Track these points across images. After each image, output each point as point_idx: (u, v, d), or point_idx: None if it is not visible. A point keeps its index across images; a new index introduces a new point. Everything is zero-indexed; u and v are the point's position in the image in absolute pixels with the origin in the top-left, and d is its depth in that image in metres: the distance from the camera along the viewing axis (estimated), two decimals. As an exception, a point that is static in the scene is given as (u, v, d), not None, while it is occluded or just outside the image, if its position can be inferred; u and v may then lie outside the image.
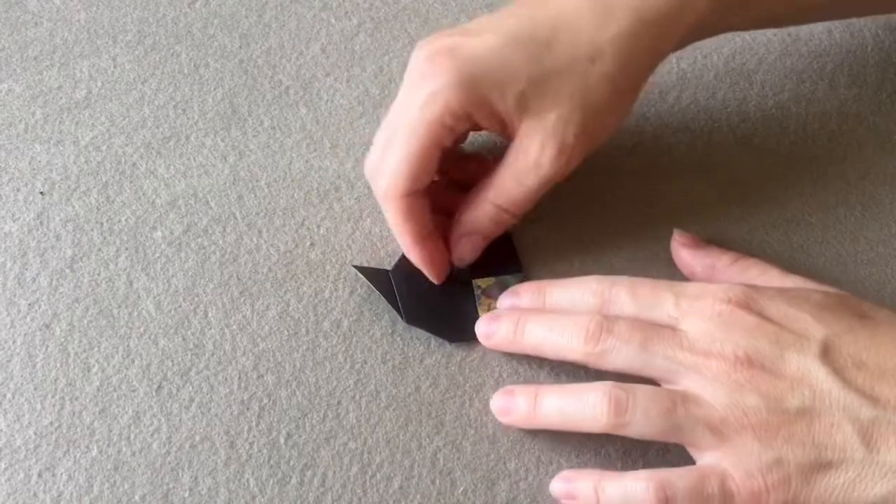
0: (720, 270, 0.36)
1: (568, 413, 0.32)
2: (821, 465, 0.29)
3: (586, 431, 0.32)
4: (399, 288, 0.37)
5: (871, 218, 0.40)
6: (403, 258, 0.37)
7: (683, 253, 0.37)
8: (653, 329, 0.32)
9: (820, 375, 0.29)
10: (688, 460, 0.31)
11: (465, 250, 0.37)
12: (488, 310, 0.36)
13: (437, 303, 0.37)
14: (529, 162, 0.34)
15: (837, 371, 0.29)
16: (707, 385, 0.30)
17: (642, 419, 0.30)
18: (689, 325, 0.31)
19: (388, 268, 0.38)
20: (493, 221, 0.36)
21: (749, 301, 0.31)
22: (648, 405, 0.30)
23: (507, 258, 0.38)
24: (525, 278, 0.38)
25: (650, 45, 0.34)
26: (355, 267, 0.37)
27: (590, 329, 0.32)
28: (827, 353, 0.30)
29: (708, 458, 0.30)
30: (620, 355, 0.31)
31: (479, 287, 0.37)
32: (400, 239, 0.36)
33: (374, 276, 0.37)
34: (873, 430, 0.29)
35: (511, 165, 0.35)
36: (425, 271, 0.36)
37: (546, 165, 0.34)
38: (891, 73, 0.45)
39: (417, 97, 0.33)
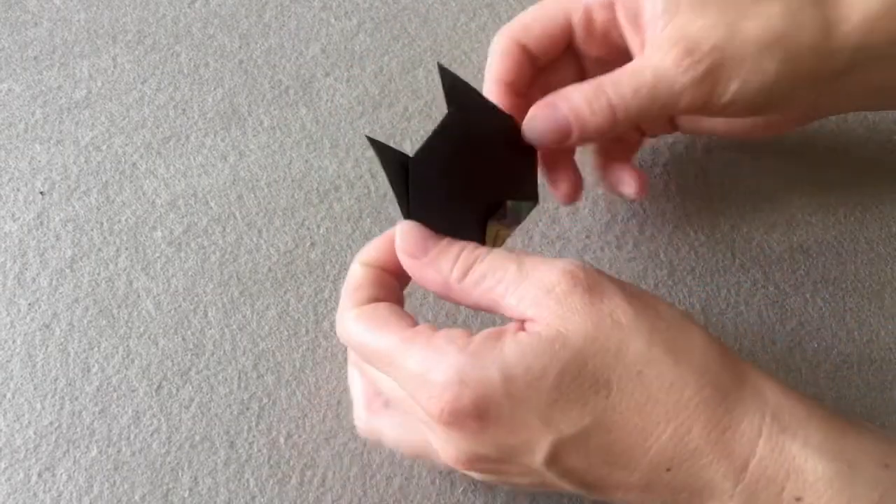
0: (456, 290, 0.29)
1: None
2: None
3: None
4: (416, 179, 0.30)
5: (871, 218, 0.40)
6: (428, 152, 0.31)
7: (408, 262, 0.29)
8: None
9: (548, 476, 0.27)
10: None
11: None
12: (495, 237, 0.33)
13: (447, 210, 0.31)
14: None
15: (566, 474, 0.27)
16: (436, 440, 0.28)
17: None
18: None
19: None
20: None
21: (473, 406, 0.25)
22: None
23: (526, 182, 0.33)
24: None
25: None
26: (369, 138, 0.30)
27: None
28: (554, 462, 0.26)
29: None
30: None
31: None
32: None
33: (389, 156, 0.30)
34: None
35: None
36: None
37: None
38: (891, 73, 0.45)
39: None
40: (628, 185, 0.37)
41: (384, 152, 0.30)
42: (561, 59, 0.35)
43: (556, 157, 0.35)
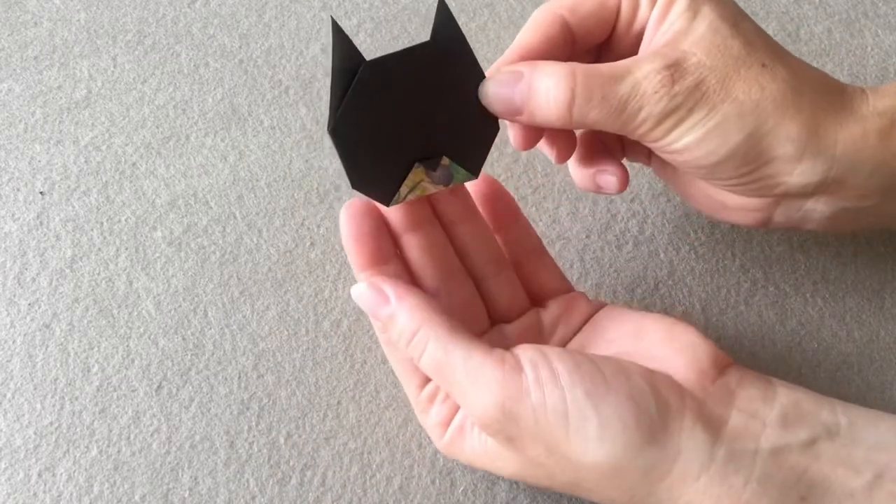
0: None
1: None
2: None
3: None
4: (359, 86, 0.28)
5: (871, 218, 0.40)
6: (384, 65, 0.28)
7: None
8: None
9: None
10: None
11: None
12: (412, 186, 0.30)
13: (378, 133, 0.29)
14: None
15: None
16: None
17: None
18: None
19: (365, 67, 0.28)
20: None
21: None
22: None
23: (475, 153, 0.31)
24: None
25: None
26: (333, 21, 0.27)
27: None
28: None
29: None
30: None
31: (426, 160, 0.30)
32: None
33: (346, 50, 0.28)
34: None
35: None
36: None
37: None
38: (891, 73, 0.45)
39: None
40: (611, 174, 0.33)
41: (343, 44, 0.27)
42: (602, 47, 0.32)
43: None
